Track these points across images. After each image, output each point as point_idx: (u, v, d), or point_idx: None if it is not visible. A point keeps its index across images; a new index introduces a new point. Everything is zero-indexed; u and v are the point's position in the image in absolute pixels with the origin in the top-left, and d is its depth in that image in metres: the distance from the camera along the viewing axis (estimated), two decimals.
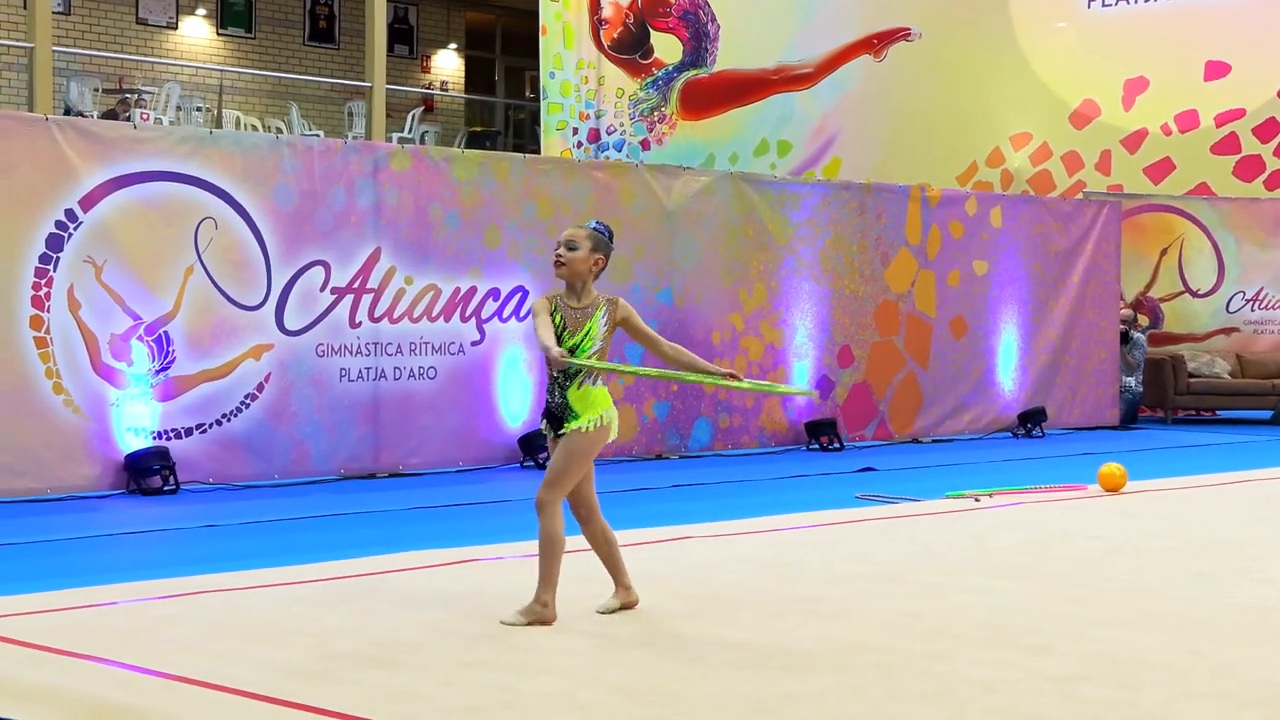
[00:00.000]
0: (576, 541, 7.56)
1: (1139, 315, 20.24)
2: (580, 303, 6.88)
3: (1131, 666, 5.93)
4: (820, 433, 15.51)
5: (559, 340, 6.79)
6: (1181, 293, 20.58)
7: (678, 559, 8.46)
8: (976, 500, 11.23)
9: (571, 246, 6.88)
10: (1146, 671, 5.85)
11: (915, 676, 5.76)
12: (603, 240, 6.97)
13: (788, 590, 7.58)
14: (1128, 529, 9.90)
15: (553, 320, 6.85)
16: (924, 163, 21.76)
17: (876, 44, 23.15)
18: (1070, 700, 5.42)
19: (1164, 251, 20.52)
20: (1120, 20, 21.62)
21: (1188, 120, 20.88)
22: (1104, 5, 21.68)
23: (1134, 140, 21.21)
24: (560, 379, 6.83)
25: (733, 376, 6.83)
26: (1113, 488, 11.74)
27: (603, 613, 6.92)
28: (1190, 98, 20.89)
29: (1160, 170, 21.03)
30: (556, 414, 6.85)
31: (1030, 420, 17.50)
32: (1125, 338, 19.00)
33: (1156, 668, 5.92)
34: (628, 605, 7.02)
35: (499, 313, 13.11)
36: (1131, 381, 19.20)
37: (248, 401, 11.99)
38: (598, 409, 6.82)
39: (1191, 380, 19.82)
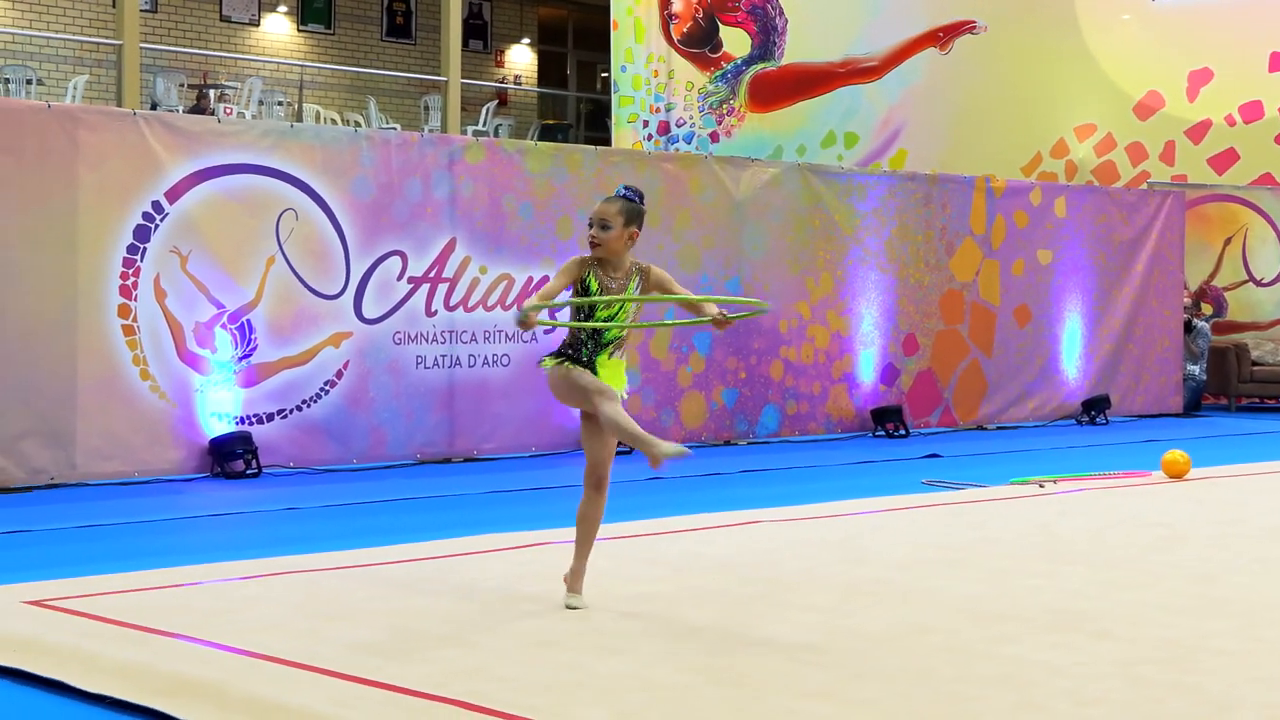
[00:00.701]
0: (646, 526, 7.75)
1: (1203, 304, 20.25)
2: (617, 272, 6.75)
3: (1195, 651, 5.92)
4: (886, 419, 15.62)
5: (594, 310, 6.69)
6: (1245, 281, 20.54)
7: (747, 543, 8.52)
8: (1041, 486, 11.26)
9: (605, 226, 6.70)
10: (1210, 656, 5.85)
11: (982, 659, 5.77)
12: (636, 211, 6.79)
13: (855, 574, 7.61)
14: (1191, 515, 9.87)
15: (588, 286, 6.72)
16: (989, 154, 21.67)
17: (942, 37, 23.08)
18: (1135, 684, 5.42)
19: (1228, 241, 20.47)
20: (1184, 12, 21.57)
21: (1252, 111, 20.83)
22: None
23: (1198, 131, 21.15)
24: (590, 342, 6.70)
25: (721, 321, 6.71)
26: (1176, 474, 11.75)
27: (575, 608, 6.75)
28: (1254, 89, 20.83)
29: (1224, 161, 20.98)
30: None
31: (1094, 407, 17.54)
32: (1188, 326, 19.03)
33: (1220, 653, 5.91)
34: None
35: None
36: (1195, 369, 19.23)
37: (327, 388, 12.17)
38: (623, 383, 6.75)
39: (1255, 368, 19.82)
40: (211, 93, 24.27)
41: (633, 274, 6.77)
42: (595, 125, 31.02)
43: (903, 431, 15.63)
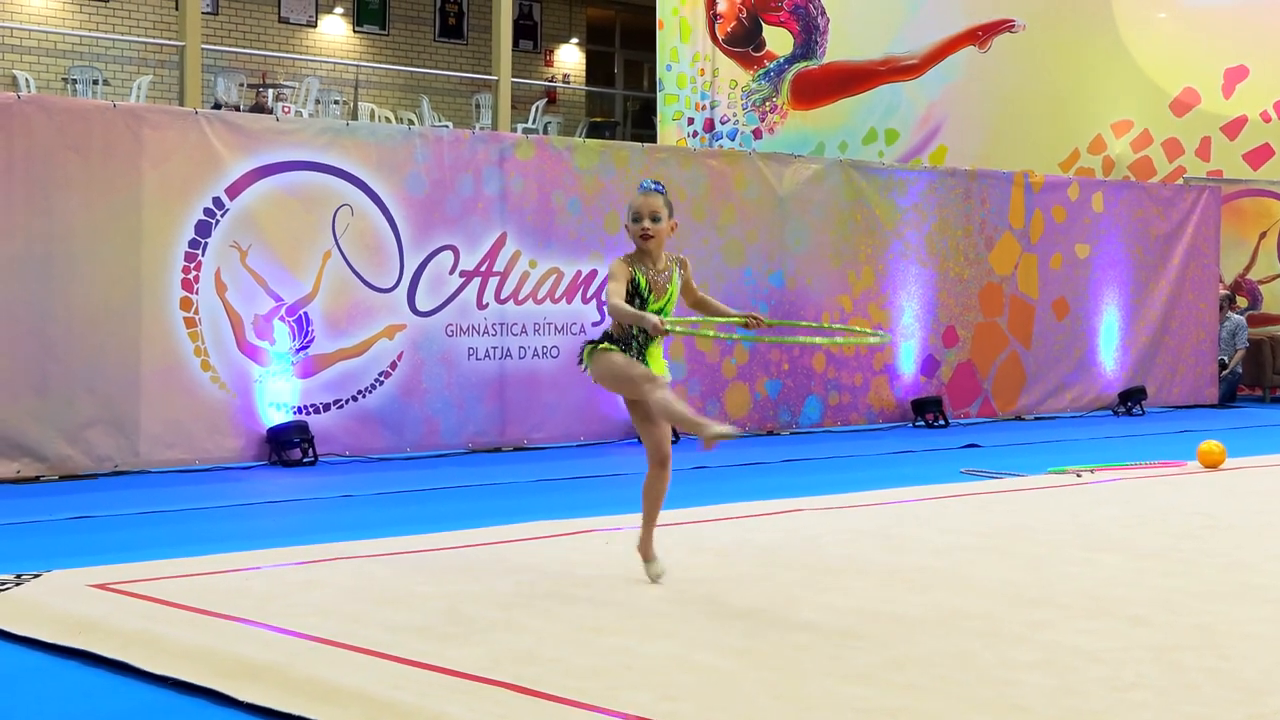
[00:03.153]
0: (690, 513, 7.82)
1: (1238, 297, 20.32)
2: (659, 267, 6.86)
3: (1230, 637, 5.93)
4: (926, 410, 15.73)
5: (644, 303, 6.80)
6: (1279, 275, 20.69)
7: (790, 530, 8.54)
8: (1078, 476, 11.27)
9: (656, 218, 6.84)
10: (1245, 642, 5.87)
11: (1020, 644, 5.80)
12: (670, 202, 6.98)
13: (896, 560, 7.64)
14: (1226, 504, 9.84)
15: (638, 284, 6.82)
16: (1027, 150, 21.64)
17: (981, 35, 23.04)
18: (1171, 669, 5.43)
19: (1263, 235, 20.49)
20: (1219, 10, 21.48)
21: None
22: None
23: (1233, 127, 21.07)
24: (641, 338, 6.80)
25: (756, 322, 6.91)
26: (1212, 464, 11.78)
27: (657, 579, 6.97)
28: None
29: (1259, 156, 20.91)
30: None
31: (1131, 399, 17.58)
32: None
33: (1255, 638, 5.94)
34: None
35: None
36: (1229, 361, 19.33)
37: (381, 379, 12.31)
38: (664, 365, 6.87)
39: None
40: (270, 92, 24.36)
41: (672, 265, 6.91)
42: (642, 123, 31.14)
43: (942, 422, 15.72)
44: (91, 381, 11.00)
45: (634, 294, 6.83)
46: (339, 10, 28.21)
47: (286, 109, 22.72)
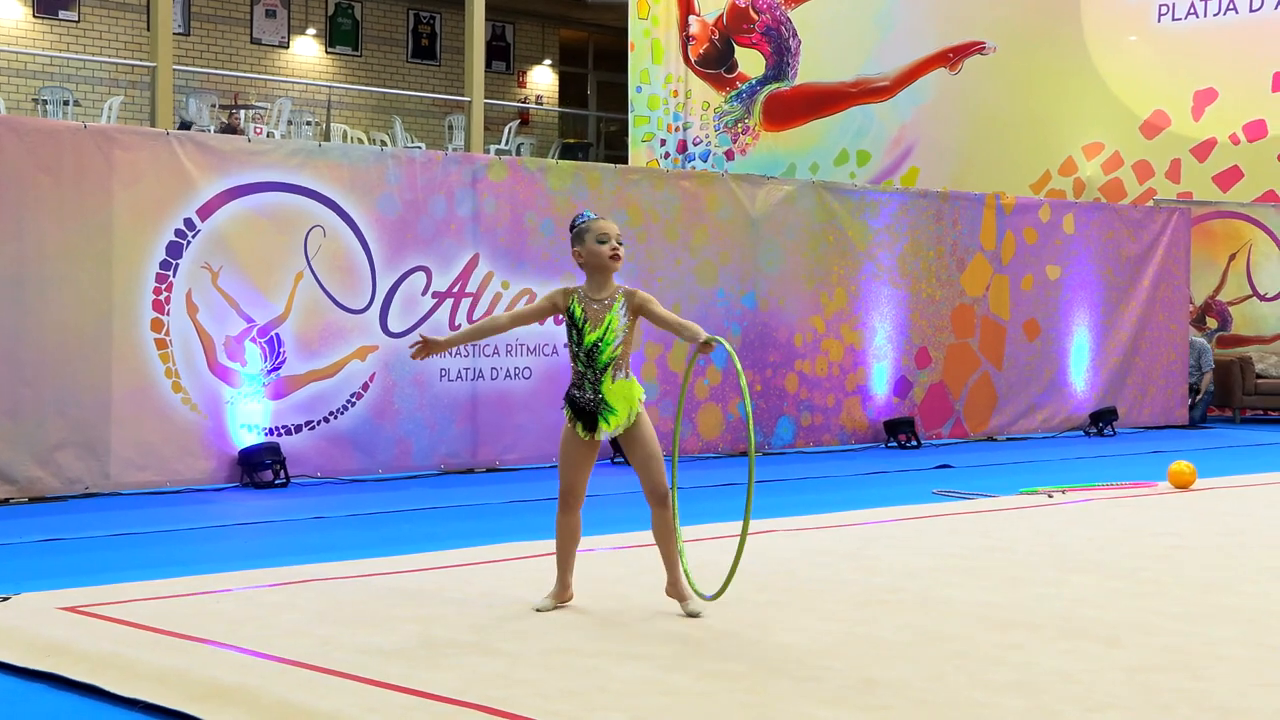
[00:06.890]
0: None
1: (1208, 318, 20.43)
2: (600, 295, 6.68)
3: (1203, 658, 5.96)
4: (898, 431, 15.75)
5: (581, 335, 6.64)
6: (1249, 296, 20.67)
7: (762, 552, 8.46)
8: (1050, 497, 11.30)
9: (621, 240, 6.76)
10: (1218, 662, 5.88)
11: (994, 665, 5.80)
12: None
13: (868, 582, 7.63)
14: (1197, 525, 9.87)
15: (574, 315, 6.67)
16: (999, 171, 21.81)
17: (952, 58, 23.21)
18: (1145, 689, 5.45)
19: (1232, 256, 20.60)
20: (1189, 33, 21.64)
21: (1256, 130, 20.92)
22: (1174, 19, 21.71)
23: (1203, 149, 21.20)
24: (590, 375, 6.66)
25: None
26: (1182, 485, 11.82)
27: (541, 610, 6.79)
28: (1258, 108, 20.93)
29: (1229, 178, 21.05)
30: (589, 411, 6.71)
31: (1102, 419, 17.66)
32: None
33: (1228, 659, 5.94)
34: (564, 602, 6.91)
35: None
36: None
37: (354, 400, 12.30)
38: (635, 399, 6.70)
39: (1259, 381, 19.96)
40: (242, 113, 24.39)
41: (617, 296, 6.70)
42: (615, 144, 31.25)
43: (915, 443, 15.75)
44: (62, 403, 10.97)
45: (570, 325, 6.71)
46: (311, 31, 28.27)
47: (258, 130, 22.83)
